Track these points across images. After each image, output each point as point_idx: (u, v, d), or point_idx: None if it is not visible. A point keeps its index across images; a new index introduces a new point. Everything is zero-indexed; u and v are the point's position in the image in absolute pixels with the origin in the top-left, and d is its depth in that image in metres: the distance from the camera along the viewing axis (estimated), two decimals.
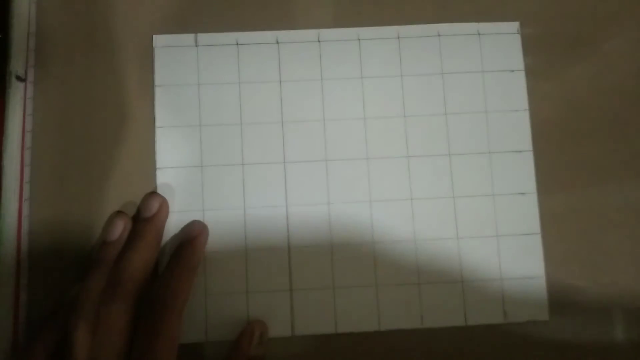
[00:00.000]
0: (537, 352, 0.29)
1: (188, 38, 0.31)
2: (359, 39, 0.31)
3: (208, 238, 0.29)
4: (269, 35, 0.31)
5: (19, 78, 0.29)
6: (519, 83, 0.31)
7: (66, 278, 0.29)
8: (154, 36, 0.31)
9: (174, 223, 0.29)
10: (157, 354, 0.24)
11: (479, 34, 0.31)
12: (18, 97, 0.29)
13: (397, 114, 0.31)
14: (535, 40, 0.31)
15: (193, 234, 0.29)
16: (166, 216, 0.29)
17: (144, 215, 0.28)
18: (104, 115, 0.30)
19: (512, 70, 0.31)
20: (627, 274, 0.30)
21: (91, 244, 0.29)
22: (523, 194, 0.30)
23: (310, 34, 0.31)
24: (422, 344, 0.29)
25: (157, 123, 0.30)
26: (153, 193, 0.29)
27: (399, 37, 0.31)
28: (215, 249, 0.29)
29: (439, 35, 0.31)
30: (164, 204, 0.29)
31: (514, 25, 0.31)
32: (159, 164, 0.30)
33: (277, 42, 0.31)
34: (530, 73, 0.31)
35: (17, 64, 0.29)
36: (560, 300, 0.29)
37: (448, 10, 0.31)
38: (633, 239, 0.30)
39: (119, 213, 0.29)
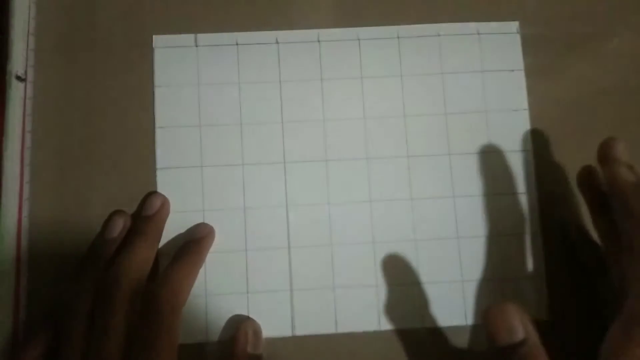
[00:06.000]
0: None
1: (188, 38, 0.31)
2: (358, 39, 0.31)
3: (213, 241, 0.29)
4: (268, 35, 0.31)
5: (19, 78, 0.29)
6: (518, 83, 0.31)
7: (66, 278, 0.28)
8: (154, 36, 0.31)
9: (174, 223, 0.29)
10: (156, 353, 0.24)
11: (479, 33, 0.31)
12: (18, 97, 0.29)
13: (397, 113, 0.31)
14: (535, 40, 0.31)
15: (200, 235, 0.29)
16: (167, 215, 0.29)
17: (145, 213, 0.28)
18: (104, 115, 0.30)
19: (512, 70, 0.31)
20: None
21: (90, 242, 0.29)
22: (522, 193, 0.30)
23: (310, 34, 0.31)
24: (422, 344, 0.29)
25: (157, 123, 0.30)
26: (155, 192, 0.29)
27: (398, 37, 0.31)
28: (215, 249, 0.29)
29: (438, 35, 0.31)
30: (165, 203, 0.29)
31: (514, 25, 0.31)
32: (159, 164, 0.30)
33: (277, 42, 0.31)
34: (530, 73, 0.31)
35: (17, 64, 0.29)
36: (560, 300, 0.29)
37: (448, 10, 0.31)
38: None
39: (118, 211, 0.29)
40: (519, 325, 0.22)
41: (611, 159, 0.26)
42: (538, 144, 0.31)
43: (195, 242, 0.28)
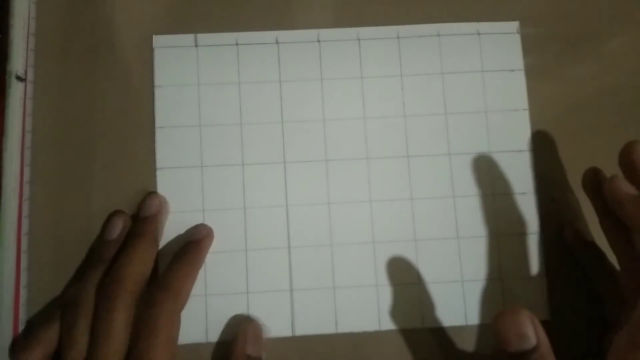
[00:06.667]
0: None
1: (188, 38, 0.31)
2: (358, 39, 0.31)
3: (212, 242, 0.29)
4: (268, 35, 0.31)
5: (19, 78, 0.29)
6: (518, 83, 0.31)
7: (66, 278, 0.29)
8: (154, 36, 0.31)
9: (174, 223, 0.29)
10: (156, 354, 0.24)
11: (479, 33, 0.31)
12: (18, 97, 0.29)
13: (397, 113, 0.31)
14: (535, 39, 0.31)
15: (199, 236, 0.29)
16: (166, 216, 0.29)
17: (144, 214, 0.28)
18: (104, 115, 0.30)
19: (512, 70, 0.31)
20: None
21: (91, 244, 0.29)
22: (522, 193, 0.30)
23: (310, 33, 0.31)
24: (422, 344, 0.29)
25: (157, 123, 0.30)
26: (153, 193, 0.29)
27: (398, 37, 0.31)
28: (215, 249, 0.29)
29: (438, 35, 0.31)
30: (164, 203, 0.29)
31: (514, 25, 0.31)
32: (159, 164, 0.30)
33: (277, 42, 0.31)
34: (530, 73, 0.31)
35: (17, 64, 0.29)
36: (560, 300, 0.29)
37: (448, 10, 0.31)
38: None
39: (118, 212, 0.29)
40: (531, 332, 0.21)
41: (631, 164, 0.26)
42: (538, 144, 0.31)
43: (194, 243, 0.28)
